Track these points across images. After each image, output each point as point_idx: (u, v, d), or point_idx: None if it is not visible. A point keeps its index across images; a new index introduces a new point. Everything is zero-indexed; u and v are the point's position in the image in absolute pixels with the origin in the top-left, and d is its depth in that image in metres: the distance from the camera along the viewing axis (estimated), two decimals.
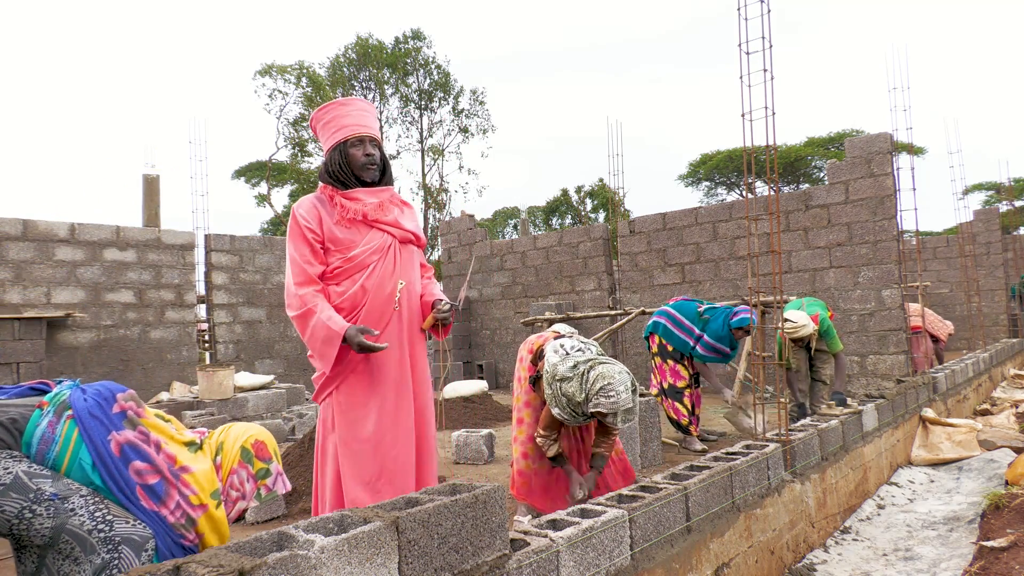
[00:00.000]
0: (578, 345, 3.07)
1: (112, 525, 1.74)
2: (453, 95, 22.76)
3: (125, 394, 1.98)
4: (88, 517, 1.72)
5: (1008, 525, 3.30)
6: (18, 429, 1.79)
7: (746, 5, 3.32)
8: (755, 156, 3.44)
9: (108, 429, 1.86)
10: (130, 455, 1.86)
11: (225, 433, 2.14)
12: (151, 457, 1.89)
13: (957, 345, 13.38)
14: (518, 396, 3.48)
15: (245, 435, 2.15)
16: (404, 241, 2.60)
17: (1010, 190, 17.64)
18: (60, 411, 1.85)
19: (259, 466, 2.13)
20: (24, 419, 1.81)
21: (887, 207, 7.50)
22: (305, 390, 7.96)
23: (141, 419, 1.94)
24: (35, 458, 1.78)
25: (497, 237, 32.83)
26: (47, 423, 1.82)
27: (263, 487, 2.14)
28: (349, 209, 2.49)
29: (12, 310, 7.49)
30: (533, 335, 3.52)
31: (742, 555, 2.72)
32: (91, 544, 1.70)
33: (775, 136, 3.30)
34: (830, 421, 3.89)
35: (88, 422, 1.84)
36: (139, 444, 1.89)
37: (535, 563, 1.78)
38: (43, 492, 1.69)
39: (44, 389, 1.97)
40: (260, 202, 22.21)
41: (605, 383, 2.75)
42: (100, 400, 1.91)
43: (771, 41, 3.27)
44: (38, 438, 1.79)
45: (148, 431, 1.93)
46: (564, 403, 2.88)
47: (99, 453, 1.82)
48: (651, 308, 8.08)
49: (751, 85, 3.29)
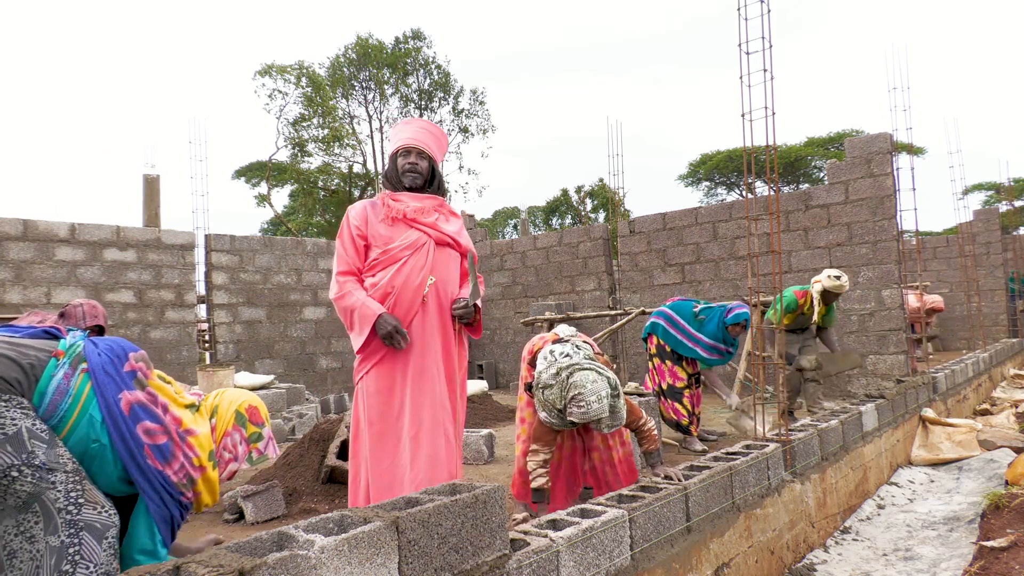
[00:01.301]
0: (567, 350, 3.03)
1: (80, 509, 1.76)
2: (453, 95, 22.75)
3: (137, 354, 2.03)
4: (63, 496, 1.74)
5: (1008, 525, 3.30)
6: (35, 375, 1.82)
7: (746, 5, 3.32)
8: (755, 156, 3.44)
9: (120, 387, 1.91)
10: (140, 415, 1.91)
11: (220, 397, 2.23)
12: (160, 418, 1.95)
13: (957, 345, 13.37)
14: (520, 396, 3.54)
15: (239, 400, 2.24)
16: (441, 243, 2.81)
17: (1010, 190, 17.64)
18: (75, 363, 1.89)
19: (252, 430, 2.23)
20: (41, 366, 1.84)
21: (887, 207, 7.50)
22: (305, 390, 7.96)
23: (148, 380, 2.00)
24: (47, 408, 1.81)
25: (497, 237, 32.82)
26: (63, 374, 1.85)
27: (255, 450, 2.24)
28: (393, 208, 2.78)
29: (12, 310, 7.49)
30: (535, 336, 3.53)
31: (742, 555, 2.72)
32: (56, 524, 1.72)
33: (775, 136, 3.30)
34: (830, 421, 3.88)
35: (102, 378, 1.89)
36: (148, 405, 1.94)
37: (535, 563, 1.78)
38: (35, 456, 1.71)
39: (56, 334, 2.00)
40: (260, 202, 22.21)
41: (576, 392, 2.74)
42: (113, 357, 1.96)
43: (771, 41, 3.27)
44: (53, 388, 1.83)
45: (156, 393, 1.99)
46: (550, 408, 2.90)
47: (110, 410, 1.87)
48: (651, 308, 8.07)
49: (751, 85, 3.29)
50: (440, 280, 2.79)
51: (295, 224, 23.84)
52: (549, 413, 2.91)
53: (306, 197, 22.33)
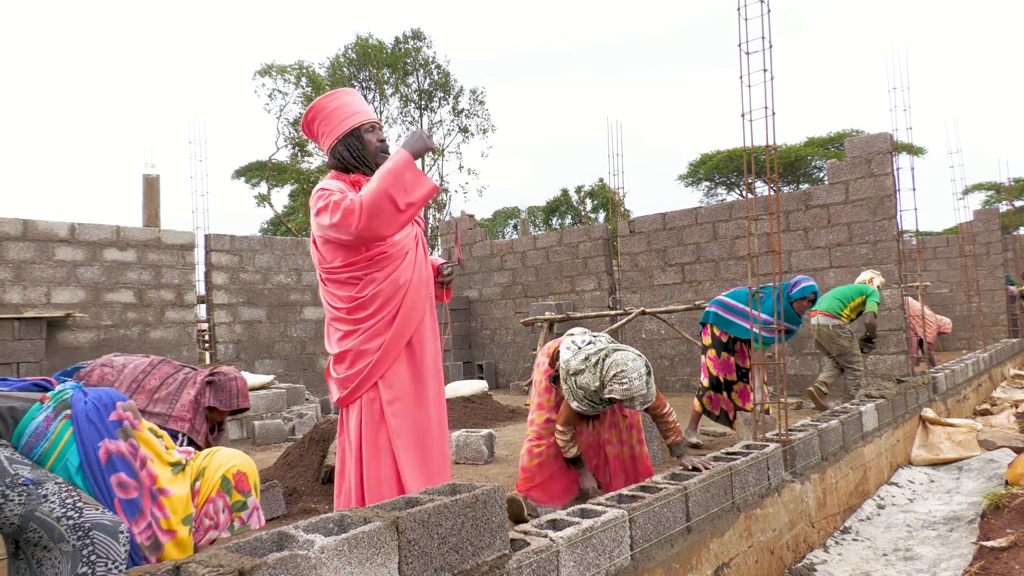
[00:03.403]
0: (589, 339, 3.25)
1: (82, 512, 1.74)
2: (453, 95, 22.76)
3: (125, 403, 1.98)
4: (59, 504, 1.72)
5: (1008, 525, 3.30)
6: (14, 418, 1.81)
7: (746, 5, 3.32)
8: (755, 156, 3.44)
9: (101, 435, 1.87)
10: (116, 465, 1.86)
11: (209, 458, 2.12)
12: (135, 471, 1.89)
13: (957, 345, 13.37)
14: (532, 399, 3.61)
15: (228, 464, 2.12)
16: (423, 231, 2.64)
17: (1010, 190, 17.64)
18: (59, 409, 1.87)
19: (236, 498, 2.11)
20: (23, 410, 1.83)
21: (887, 207, 7.50)
22: (305, 390, 7.96)
23: (135, 431, 1.95)
24: (22, 449, 1.79)
25: (497, 237, 32.82)
26: (43, 418, 1.84)
27: (237, 519, 2.12)
28: None
29: (12, 310, 7.49)
30: (551, 341, 3.67)
31: (742, 555, 2.72)
32: (59, 532, 1.70)
33: (775, 136, 3.30)
34: (830, 421, 3.89)
35: (83, 424, 1.86)
36: (126, 456, 1.89)
37: (535, 563, 1.78)
38: (19, 477, 1.70)
39: (46, 386, 1.98)
40: (260, 202, 22.21)
41: (619, 370, 2.91)
42: (99, 405, 1.92)
43: (771, 41, 3.27)
44: (31, 431, 1.81)
45: (138, 445, 1.93)
46: (580, 395, 3.05)
47: (87, 457, 1.83)
48: (651, 308, 8.08)
49: (751, 85, 3.29)
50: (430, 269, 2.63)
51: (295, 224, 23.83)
52: (580, 400, 3.06)
53: (306, 197, 22.31)
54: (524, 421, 6.96)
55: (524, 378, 10.53)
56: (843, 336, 6.10)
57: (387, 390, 2.40)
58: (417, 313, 2.47)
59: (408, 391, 2.43)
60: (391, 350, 2.40)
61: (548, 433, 3.41)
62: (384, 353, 2.39)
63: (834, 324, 6.10)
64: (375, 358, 2.38)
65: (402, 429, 2.39)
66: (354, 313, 2.41)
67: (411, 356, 2.46)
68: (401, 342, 2.42)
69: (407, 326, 2.43)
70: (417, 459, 2.41)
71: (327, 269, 2.45)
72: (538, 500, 3.39)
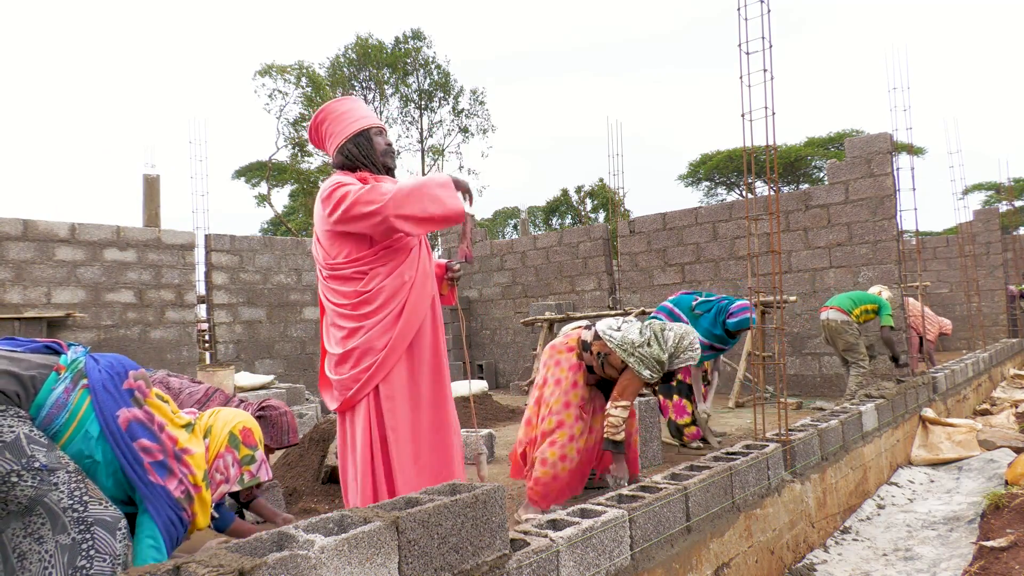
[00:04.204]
0: (619, 320, 3.49)
1: (87, 506, 1.76)
2: (453, 95, 22.76)
3: (137, 372, 2.04)
4: (67, 494, 1.74)
5: (1008, 525, 3.30)
6: (35, 387, 1.83)
7: (746, 5, 3.32)
8: (755, 156, 3.44)
9: (118, 404, 1.91)
10: (137, 432, 1.92)
11: (214, 417, 2.20)
12: (157, 436, 1.96)
13: (957, 345, 13.37)
14: (554, 400, 3.43)
15: (233, 421, 2.21)
16: None
17: (1010, 190, 17.63)
18: (76, 379, 1.90)
19: (244, 452, 2.20)
20: (41, 379, 1.85)
21: (887, 207, 7.50)
22: (305, 390, 7.96)
23: (147, 399, 2.00)
24: (42, 420, 1.82)
25: (497, 237, 32.81)
26: (63, 388, 1.87)
27: (247, 472, 2.21)
28: None
29: (12, 310, 7.49)
30: (558, 339, 3.69)
31: (742, 555, 2.72)
32: (62, 523, 1.72)
33: (775, 136, 3.30)
34: (830, 421, 3.89)
35: (101, 395, 1.90)
36: (145, 422, 1.95)
37: (535, 563, 1.78)
38: (35, 460, 1.71)
39: (57, 349, 2.01)
40: (260, 202, 22.21)
41: (691, 339, 3.34)
42: (113, 374, 1.97)
43: (771, 41, 3.27)
44: (51, 402, 1.84)
45: (152, 412, 1.99)
46: (653, 363, 3.27)
47: (108, 426, 1.87)
48: (651, 308, 8.08)
49: (751, 85, 3.29)
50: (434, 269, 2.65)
51: (295, 224, 23.83)
52: (651, 368, 3.27)
53: (306, 197, 22.33)
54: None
55: (524, 378, 10.53)
56: (850, 332, 6.24)
57: (385, 387, 2.40)
58: (421, 310, 2.48)
59: (404, 390, 2.44)
60: (397, 347, 2.41)
61: (581, 432, 3.37)
62: (391, 350, 2.39)
63: (843, 320, 6.24)
64: (381, 356, 2.39)
65: (397, 425, 2.40)
66: (359, 308, 2.41)
67: (410, 355, 2.47)
68: (407, 339, 2.42)
69: (412, 323, 2.44)
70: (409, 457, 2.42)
71: (331, 264, 2.45)
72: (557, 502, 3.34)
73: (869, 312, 6.28)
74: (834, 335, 6.32)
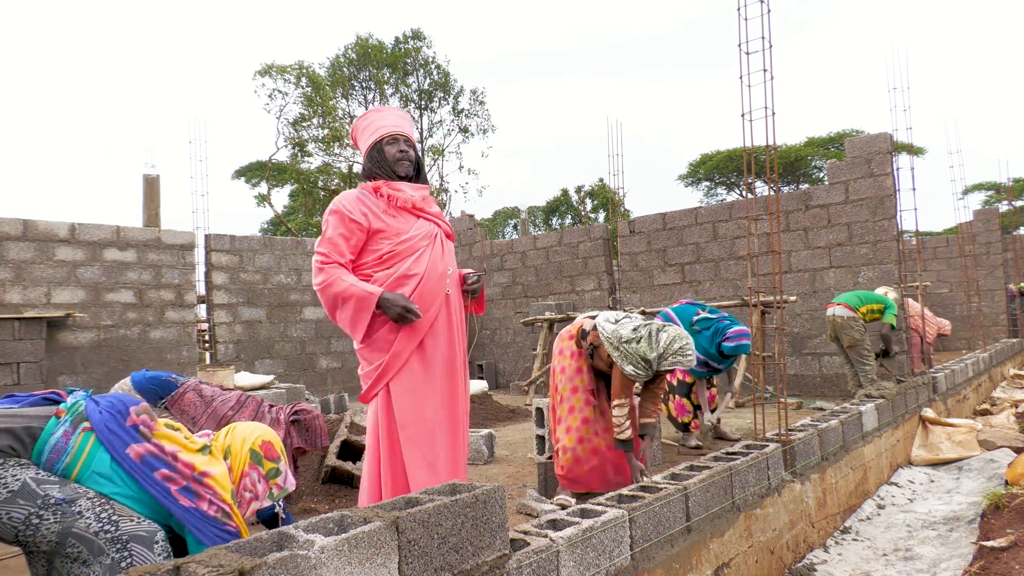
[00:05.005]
0: (622, 314, 3.44)
1: (118, 525, 1.75)
2: (453, 95, 22.74)
3: (138, 407, 2.00)
4: (95, 519, 1.73)
5: (1008, 525, 3.30)
6: (31, 436, 1.81)
7: (746, 5, 3.32)
8: (755, 156, 3.44)
9: (126, 442, 1.89)
10: (153, 463, 1.89)
11: (231, 436, 2.15)
12: (172, 466, 1.92)
13: (957, 345, 13.37)
14: (563, 387, 3.61)
15: (252, 437, 2.16)
16: (447, 235, 2.75)
17: (1010, 190, 17.63)
18: (76, 422, 1.87)
19: (269, 466, 2.16)
20: (39, 427, 1.83)
21: (887, 207, 7.50)
22: (305, 390, 7.96)
23: (153, 432, 1.96)
24: (44, 466, 1.80)
25: (497, 237, 32.82)
26: (62, 432, 1.84)
27: (275, 486, 2.17)
28: (398, 199, 2.61)
29: (12, 310, 7.49)
30: (563, 330, 3.76)
31: (742, 555, 2.72)
32: (98, 545, 1.71)
33: (775, 136, 3.30)
34: (830, 421, 3.89)
35: (106, 435, 1.87)
36: (157, 454, 1.92)
37: (535, 563, 1.78)
38: (50, 497, 1.70)
39: (57, 399, 1.99)
40: (260, 202, 22.21)
41: (684, 343, 3.18)
42: (114, 413, 1.93)
43: (771, 41, 3.27)
44: (51, 447, 1.81)
45: (162, 443, 1.96)
46: (637, 360, 3.21)
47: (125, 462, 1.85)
48: (651, 308, 8.07)
49: (751, 85, 3.29)
50: (454, 271, 2.71)
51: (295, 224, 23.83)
52: (635, 365, 3.21)
53: (306, 197, 22.32)
54: (524, 421, 6.95)
55: (524, 378, 10.53)
56: (855, 328, 6.31)
57: (397, 384, 2.51)
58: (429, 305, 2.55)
59: (417, 387, 2.52)
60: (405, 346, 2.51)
61: (595, 415, 3.49)
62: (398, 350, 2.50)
63: (849, 316, 6.32)
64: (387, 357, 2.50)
65: (407, 423, 2.48)
66: None
67: (422, 353, 2.55)
68: (413, 339, 2.51)
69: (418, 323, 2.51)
70: (422, 454, 2.48)
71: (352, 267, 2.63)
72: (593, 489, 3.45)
73: (875, 312, 6.34)
74: (839, 331, 6.38)
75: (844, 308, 6.35)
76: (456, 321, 2.67)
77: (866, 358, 6.33)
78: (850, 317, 6.29)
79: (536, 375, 8.35)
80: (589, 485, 3.47)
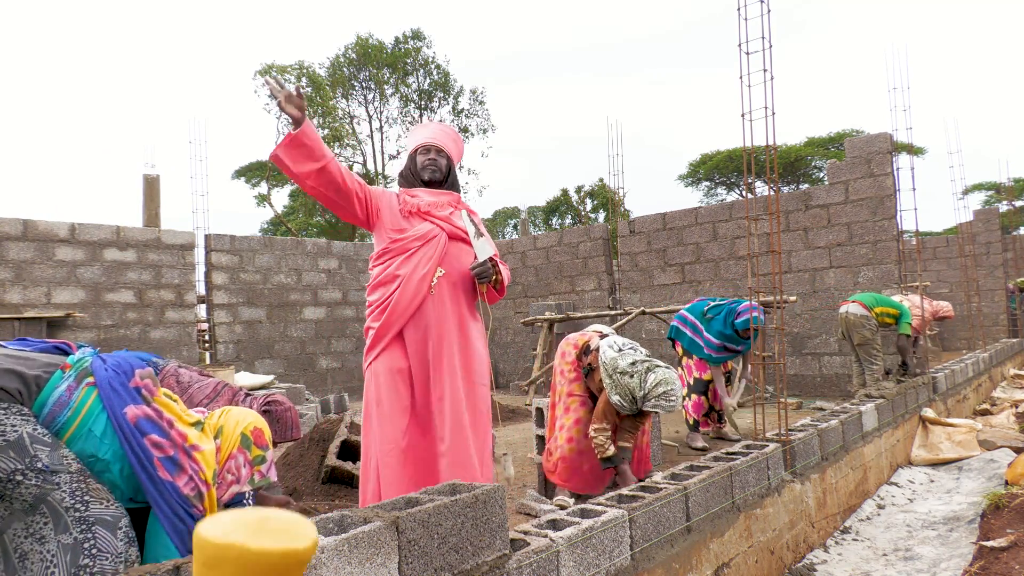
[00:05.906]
0: (629, 343, 3.41)
1: (88, 505, 1.77)
2: (453, 95, 22.75)
3: (143, 371, 2.04)
4: (69, 495, 1.75)
5: (1008, 525, 3.30)
6: (38, 385, 1.84)
7: (746, 5, 3.32)
8: (755, 156, 3.44)
9: (125, 402, 1.92)
10: (147, 428, 1.92)
11: (224, 417, 2.20)
12: (166, 432, 1.95)
13: (957, 345, 13.37)
14: (560, 388, 3.69)
15: (245, 421, 2.21)
16: (453, 236, 2.83)
17: (1010, 190, 17.63)
18: (81, 377, 1.91)
19: (256, 453, 2.20)
20: (45, 377, 1.86)
21: (887, 207, 7.50)
22: (305, 390, 7.96)
23: (154, 397, 2.00)
24: (45, 418, 1.83)
25: (497, 237, 32.81)
26: (66, 387, 1.87)
27: (257, 472, 2.21)
28: (408, 203, 2.85)
29: (12, 310, 7.49)
30: (574, 333, 3.81)
31: (742, 555, 2.72)
32: (64, 522, 1.73)
33: (775, 136, 3.30)
34: (830, 421, 3.89)
35: (107, 392, 1.90)
36: (154, 419, 1.95)
37: (535, 563, 1.78)
38: (38, 459, 1.72)
39: (66, 350, 2.02)
40: (260, 202, 22.20)
41: (668, 388, 3.11)
42: (119, 372, 1.97)
43: (771, 41, 3.27)
44: (54, 399, 1.84)
45: (161, 409, 1.99)
46: (625, 393, 3.21)
47: (117, 422, 1.88)
48: (651, 308, 8.08)
49: (751, 85, 3.29)
50: (453, 272, 2.78)
51: (295, 224, 23.83)
52: (622, 397, 3.21)
53: (306, 197, 22.32)
54: (524, 421, 6.95)
55: (524, 378, 10.53)
56: (867, 327, 6.30)
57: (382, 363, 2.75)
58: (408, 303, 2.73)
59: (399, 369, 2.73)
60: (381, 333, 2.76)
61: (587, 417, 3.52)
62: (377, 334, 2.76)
63: (862, 314, 6.31)
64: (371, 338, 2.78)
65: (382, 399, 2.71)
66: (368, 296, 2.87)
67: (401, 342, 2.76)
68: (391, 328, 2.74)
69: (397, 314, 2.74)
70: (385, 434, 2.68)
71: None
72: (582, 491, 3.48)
73: (889, 316, 6.33)
74: (851, 329, 6.38)
75: (858, 306, 6.34)
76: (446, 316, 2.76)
77: (875, 357, 6.32)
78: (863, 315, 6.28)
79: (536, 375, 8.35)
80: (585, 486, 3.48)
